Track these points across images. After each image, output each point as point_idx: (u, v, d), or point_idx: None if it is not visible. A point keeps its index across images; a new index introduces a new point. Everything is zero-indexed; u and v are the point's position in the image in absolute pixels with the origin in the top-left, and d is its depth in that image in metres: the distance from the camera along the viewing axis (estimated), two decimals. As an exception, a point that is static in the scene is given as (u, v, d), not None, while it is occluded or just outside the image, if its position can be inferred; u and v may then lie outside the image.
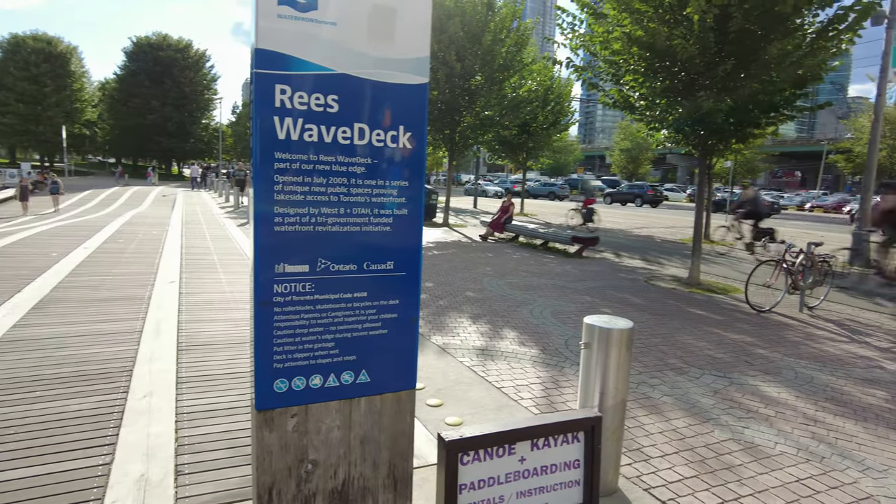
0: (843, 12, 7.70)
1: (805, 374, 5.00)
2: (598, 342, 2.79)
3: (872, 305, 8.40)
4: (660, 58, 8.17)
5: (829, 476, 3.23)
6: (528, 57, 18.53)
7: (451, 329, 5.84)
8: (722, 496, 2.97)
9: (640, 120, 9.89)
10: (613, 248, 13.78)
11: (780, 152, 66.49)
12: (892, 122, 37.32)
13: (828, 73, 8.73)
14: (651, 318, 6.69)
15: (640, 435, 3.63)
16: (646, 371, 4.84)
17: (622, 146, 49.21)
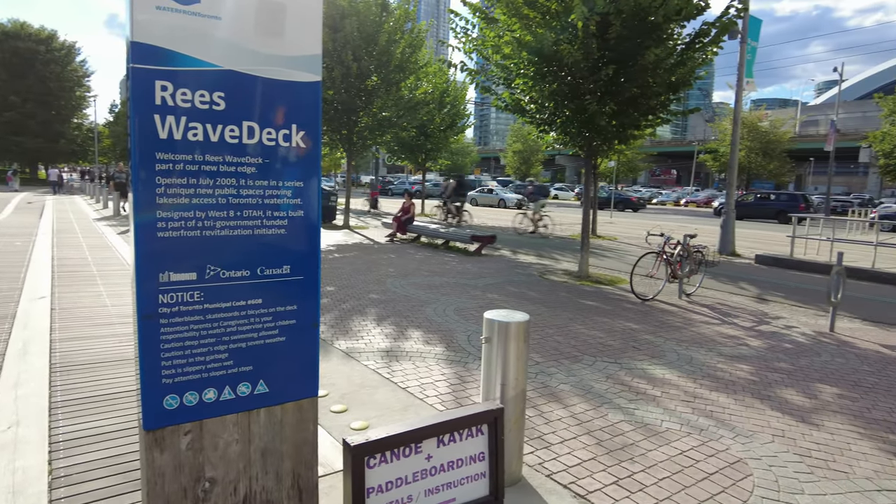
0: (707, 27, 8.51)
1: (685, 355, 5.45)
2: (498, 336, 2.87)
3: (739, 290, 9.34)
4: (547, 62, 8.56)
5: (707, 445, 3.55)
6: (423, 59, 18.72)
7: (354, 333, 5.76)
8: (617, 475, 3.16)
9: (531, 122, 10.30)
10: (510, 245, 14.25)
11: (658, 152, 72.15)
12: (750, 125, 41.71)
13: (696, 80, 9.59)
14: (546, 311, 7.00)
15: (540, 423, 3.79)
16: (543, 361, 5.05)
17: (515, 148, 51.06)
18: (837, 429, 3.91)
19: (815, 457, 3.48)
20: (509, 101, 10.13)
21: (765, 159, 42.57)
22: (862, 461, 3.46)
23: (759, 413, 4.10)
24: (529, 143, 49.87)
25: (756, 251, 13.77)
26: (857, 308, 7.99)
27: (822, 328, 6.80)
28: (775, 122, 44.57)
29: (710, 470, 3.25)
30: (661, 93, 8.64)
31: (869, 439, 3.77)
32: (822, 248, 13.64)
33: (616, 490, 3.00)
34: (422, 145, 24.58)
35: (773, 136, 43.04)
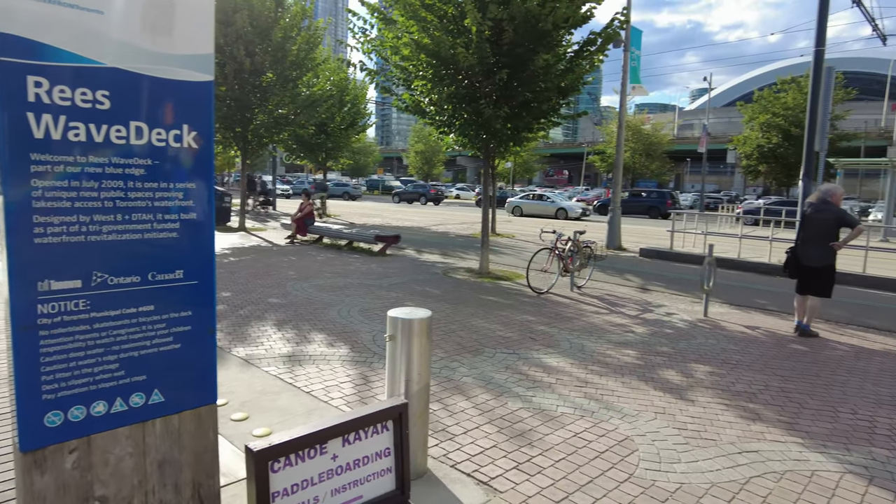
0: (594, 37, 9.09)
1: (577, 343, 5.82)
2: (402, 333, 2.94)
3: (625, 281, 10.06)
4: (445, 65, 8.74)
5: (598, 426, 3.84)
6: (321, 56, 18.38)
7: (254, 339, 5.59)
8: (517, 460, 3.34)
9: (431, 124, 10.47)
10: (415, 245, 14.38)
11: (551, 154, 75.64)
12: (634, 128, 44.84)
13: (584, 85, 10.21)
14: (449, 307, 7.17)
15: (445, 416, 3.90)
16: (447, 356, 5.19)
17: (417, 148, 51.50)
18: (708, 402, 4.36)
19: (690, 429, 3.87)
20: (409, 102, 10.23)
21: (647, 160, 45.96)
22: (727, 429, 3.89)
23: (644, 394, 4.48)
24: (431, 143, 50.49)
25: (640, 245, 14.88)
26: (726, 294, 8.88)
27: (698, 314, 7.50)
28: (656, 126, 48.27)
29: (601, 449, 3.52)
30: (552, 97, 9.11)
31: (733, 409, 4.24)
32: (696, 240, 14.99)
33: (516, 474, 3.17)
34: (322, 144, 24.09)
35: (654, 138, 46.57)
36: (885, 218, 19.55)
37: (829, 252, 6.46)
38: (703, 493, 3.05)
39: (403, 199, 41.05)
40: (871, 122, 51.80)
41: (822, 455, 3.57)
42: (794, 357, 5.72)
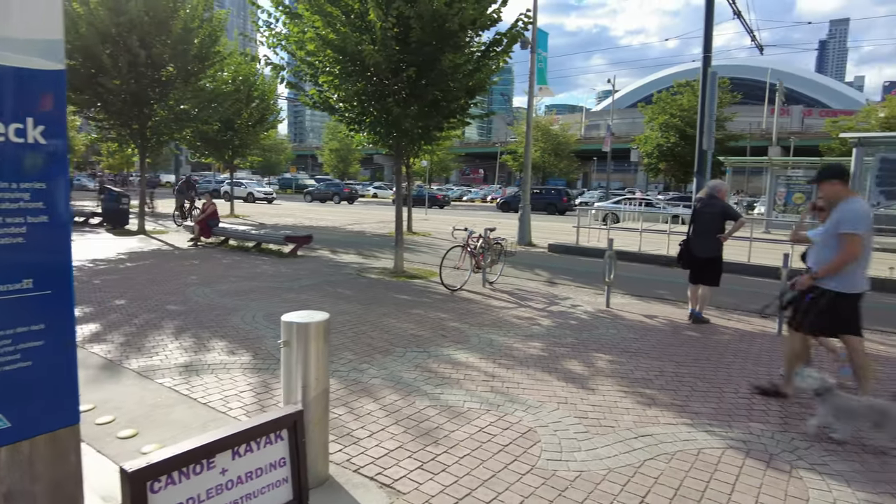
0: (500, 37, 9.24)
1: (486, 338, 5.89)
2: (297, 338, 2.83)
3: (534, 276, 10.35)
4: (352, 61, 8.59)
5: (503, 420, 3.89)
6: (226, 49, 17.56)
7: (149, 349, 5.23)
8: (422, 459, 3.32)
9: (341, 121, 10.27)
10: (328, 245, 14.07)
11: (466, 153, 76.68)
12: (543, 128, 46.33)
13: (492, 85, 10.38)
14: (361, 308, 7.05)
15: (350, 420, 3.81)
16: (356, 358, 5.09)
17: (331, 146, 50.51)
18: (608, 390, 4.55)
19: (590, 417, 4.01)
20: (317, 98, 9.97)
21: (556, 159, 47.65)
22: (625, 415, 4.07)
23: (548, 385, 4.60)
24: (345, 141, 49.70)
25: (549, 241, 15.38)
26: (628, 285, 9.34)
27: (601, 305, 7.83)
28: (564, 126, 50.13)
29: (504, 442, 3.57)
30: (460, 97, 9.18)
31: (631, 395, 4.45)
32: (601, 235, 15.68)
33: (420, 474, 3.15)
34: (228, 141, 23.05)
35: (562, 138, 48.36)
36: (766, 211, 21.37)
37: (716, 244, 6.94)
38: (600, 480, 3.16)
39: (316, 198, 40.08)
40: (755, 124, 56.54)
41: (708, 434, 3.81)
42: (688, 343, 6.09)
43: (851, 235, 4.07)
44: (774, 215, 20.33)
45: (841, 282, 4.19)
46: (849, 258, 4.10)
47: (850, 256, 4.09)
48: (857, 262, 4.14)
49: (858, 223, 4.08)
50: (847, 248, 4.09)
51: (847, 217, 4.14)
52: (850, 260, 4.10)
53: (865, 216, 4.15)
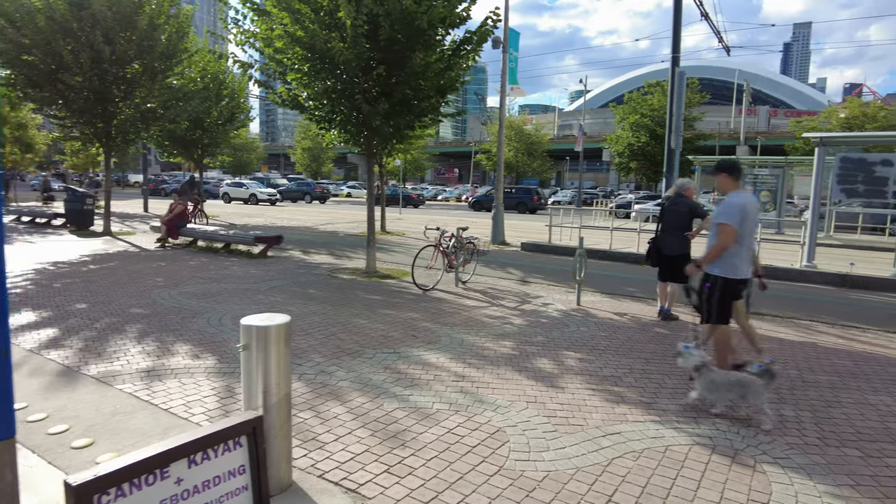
0: (470, 35, 9.21)
1: (458, 338, 5.87)
2: (257, 341, 2.75)
3: (507, 274, 10.36)
4: (321, 59, 8.48)
5: (472, 420, 3.87)
6: (193, 46, 17.21)
7: (109, 354, 5.07)
8: (388, 463, 3.27)
9: (311, 119, 10.13)
10: (300, 245, 13.90)
11: (440, 152, 76.67)
12: (516, 128, 46.56)
13: (464, 84, 10.35)
14: (331, 309, 6.96)
15: (316, 424, 3.74)
16: (324, 360, 5.01)
17: (304, 145, 49.93)
18: (577, 389, 4.56)
19: (559, 416, 4.01)
20: (286, 96, 9.82)
21: (530, 158, 47.95)
22: (594, 413, 4.08)
23: (517, 384, 4.59)
24: (318, 140, 49.22)
25: (521, 239, 15.45)
26: (599, 283, 9.42)
27: (571, 303, 7.87)
28: (537, 126, 50.44)
29: (473, 443, 3.54)
30: (432, 95, 9.14)
31: (600, 393, 4.46)
32: (573, 234, 15.81)
33: (386, 478, 3.10)
34: (197, 140, 22.62)
35: (535, 138, 48.67)
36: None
37: (684, 241, 7.03)
38: (568, 479, 3.15)
39: (287, 197, 39.57)
40: (724, 123, 57.74)
41: (675, 431, 3.84)
42: (656, 340, 6.16)
43: (724, 226, 4.47)
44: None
45: (724, 268, 4.58)
46: (722, 246, 4.51)
47: (723, 245, 4.50)
48: (736, 251, 4.53)
49: (732, 215, 4.47)
50: (720, 237, 4.50)
51: (723, 209, 4.58)
52: (723, 248, 4.51)
53: (741, 209, 4.49)
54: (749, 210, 4.54)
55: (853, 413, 4.26)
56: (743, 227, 4.50)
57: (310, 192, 39.45)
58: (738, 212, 4.48)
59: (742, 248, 4.56)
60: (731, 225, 4.46)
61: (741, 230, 4.49)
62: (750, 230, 4.62)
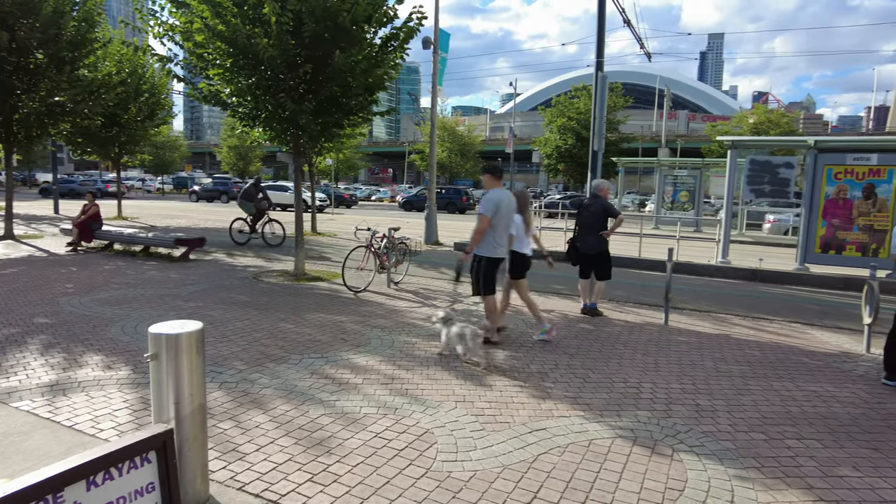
0: (396, 32, 9.15)
1: (388, 339, 5.80)
2: (167, 350, 2.60)
3: (440, 275, 10.38)
4: (244, 55, 8.18)
5: (400, 423, 3.82)
6: (106, 36, 16.21)
7: (5, 369, 4.66)
8: (312, 471, 3.17)
9: (234, 116, 9.76)
10: (225, 247, 13.38)
11: (374, 152, 76.08)
12: (449, 129, 46.87)
13: (392, 81, 10.27)
14: (256, 314, 6.72)
15: (236, 434, 3.58)
16: (247, 367, 4.82)
17: (230, 143, 48.07)
18: (505, 386, 4.60)
19: (487, 414, 4.03)
20: (207, 92, 9.41)
21: (463, 159, 48.40)
22: (521, 410, 4.14)
23: (446, 384, 4.59)
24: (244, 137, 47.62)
25: (455, 239, 15.54)
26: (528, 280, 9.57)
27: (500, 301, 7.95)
28: (470, 127, 50.99)
29: (400, 446, 3.49)
30: (360, 93, 9.01)
31: (527, 390, 4.53)
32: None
33: (310, 487, 3.00)
34: (114, 137, 21.32)
35: (468, 139, 49.17)
36: (655, 208, 22.85)
37: (601, 240, 7.29)
38: (495, 478, 3.16)
39: (202, 197, 38.01)
40: (646, 127, 60.51)
41: (598, 424, 3.95)
42: (581, 335, 6.33)
43: (481, 215, 5.60)
44: (663, 212, 21.79)
45: (486, 249, 5.73)
46: (478, 231, 5.63)
47: (479, 230, 5.62)
48: (492, 235, 5.64)
49: (488, 208, 5.57)
50: (478, 224, 5.63)
51: (483, 202, 5.68)
52: (480, 233, 5.62)
53: (496, 203, 5.58)
54: (503, 204, 5.64)
55: (760, 399, 4.54)
56: (497, 217, 5.60)
57: (226, 192, 37.84)
58: (494, 205, 5.57)
59: (498, 233, 5.67)
60: (486, 215, 5.57)
61: (495, 219, 5.59)
62: (505, 219, 5.71)
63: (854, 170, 10.46)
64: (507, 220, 5.75)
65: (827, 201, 10.68)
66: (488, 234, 5.64)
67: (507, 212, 5.71)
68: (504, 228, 5.73)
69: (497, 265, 5.82)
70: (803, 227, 11.01)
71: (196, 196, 38.37)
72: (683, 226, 17.39)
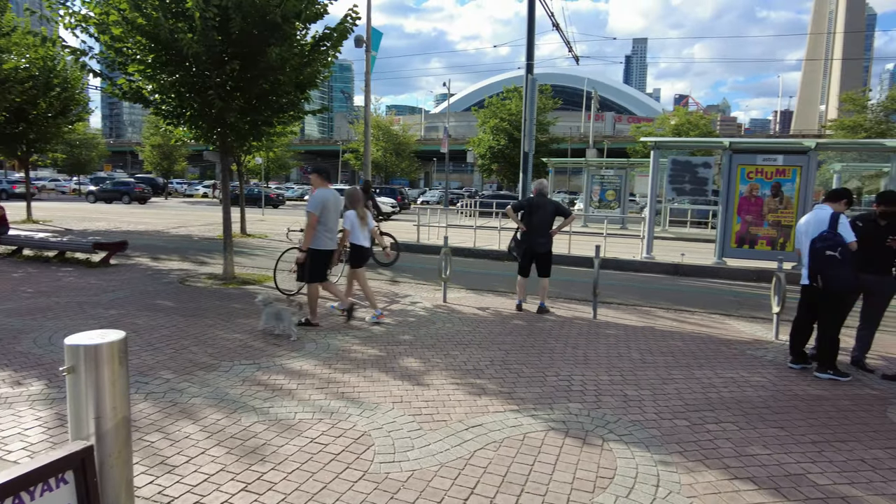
0: (330, 31, 9.00)
1: (324, 343, 5.72)
2: (86, 363, 2.46)
3: (377, 275, 10.32)
4: (166, 50, 7.82)
5: (336, 427, 3.78)
6: (9, 24, 15.06)
7: None
8: (246, 480, 3.09)
9: (157, 114, 9.32)
10: (149, 251, 12.73)
11: (307, 150, 74.53)
12: (384, 128, 46.59)
13: (325, 80, 10.11)
14: (183, 320, 6.45)
15: (164, 447, 3.44)
16: (175, 377, 4.63)
17: (153, 142, 45.65)
18: (442, 384, 4.65)
19: (424, 413, 4.06)
20: (127, 89, 8.93)
21: (398, 159, 48.23)
22: (457, 407, 4.19)
23: (384, 385, 4.58)
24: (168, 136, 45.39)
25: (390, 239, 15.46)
26: (464, 279, 9.71)
27: (438, 300, 8.02)
28: (404, 127, 50.88)
29: (337, 450, 3.46)
30: (290, 91, 8.81)
31: (463, 387, 4.59)
32: (440, 233, 16.15)
33: (244, 497, 2.92)
34: (21, 135, 19.78)
35: (403, 138, 49.05)
36: (584, 207, 23.65)
37: (549, 238, 7.48)
38: (432, 476, 3.19)
39: (100, 198, 35.24)
40: (575, 128, 62.39)
41: (532, 418, 4.06)
42: (516, 332, 6.48)
43: (309, 213, 6.16)
44: (591, 210, 22.57)
45: (315, 243, 6.26)
46: (309, 227, 6.17)
47: (310, 226, 6.17)
48: (321, 230, 6.23)
49: (315, 206, 6.15)
50: (308, 221, 6.18)
51: (311, 201, 6.25)
52: (310, 229, 6.16)
53: (322, 201, 6.21)
54: (329, 202, 6.26)
55: (683, 387, 4.80)
56: (324, 214, 6.21)
57: (128, 192, 35.31)
58: (320, 203, 6.17)
59: (326, 229, 6.26)
60: (314, 213, 6.15)
61: (322, 216, 6.20)
62: (332, 216, 6.32)
63: (764, 169, 11.23)
64: (334, 216, 6.37)
65: (741, 199, 11.42)
66: (317, 229, 6.24)
67: (334, 209, 6.35)
68: (331, 223, 6.34)
69: (324, 256, 6.39)
70: (720, 223, 11.72)
71: (94, 197, 35.26)
72: (610, 223, 18.11)
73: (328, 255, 6.46)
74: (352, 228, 6.69)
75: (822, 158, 22.77)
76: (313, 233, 6.22)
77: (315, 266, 6.33)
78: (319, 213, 6.18)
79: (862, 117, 32.31)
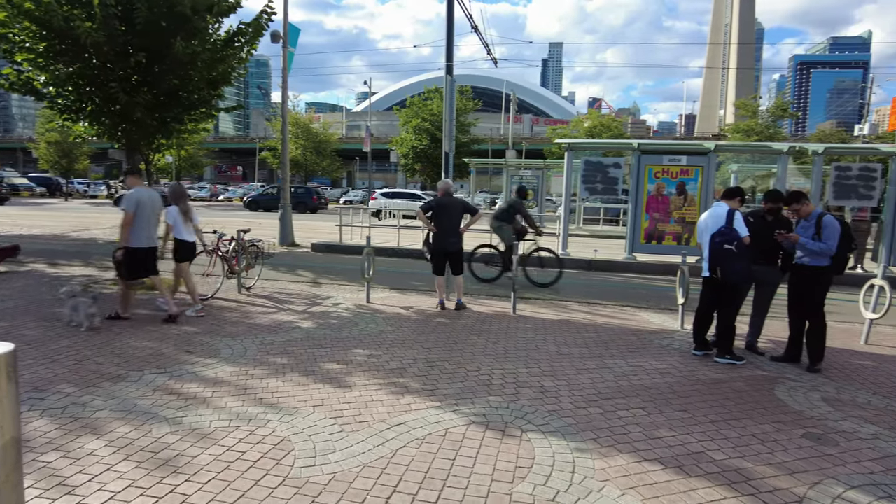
0: (244, 27, 8.71)
1: (240, 348, 5.53)
2: (-31, 378, 2.25)
3: (297, 277, 10.09)
4: (61, 39, 7.28)
5: (254, 434, 3.68)
6: None
7: None
8: (157, 495, 2.94)
9: (52, 108, 8.65)
10: (47, 256, 11.75)
11: (221, 148, 71.52)
12: (303, 126, 45.52)
13: (240, 77, 9.76)
14: (86, 331, 6.03)
15: (64, 466, 3.21)
16: (77, 390, 4.32)
17: (49, 138, 42.11)
18: (365, 385, 4.63)
19: (346, 415, 4.02)
20: (15, 79, 8.23)
21: (319, 157, 47.29)
22: (380, 407, 4.19)
23: (304, 389, 4.50)
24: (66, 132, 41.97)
25: (312, 240, 15.17)
26: (387, 279, 9.68)
27: (361, 301, 7.96)
28: (325, 125, 49.94)
29: (255, 457, 3.37)
30: (202, 87, 8.45)
31: (386, 387, 4.59)
32: (363, 233, 16.00)
33: (155, 511, 2.79)
34: None
35: (323, 136, 48.14)
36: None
37: (460, 237, 7.59)
38: (354, 477, 3.18)
39: None
40: (495, 129, 63.66)
41: (454, 413, 4.13)
42: (438, 329, 6.55)
43: (124, 211, 6.31)
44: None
45: (130, 241, 6.34)
46: (121, 226, 6.31)
47: (124, 224, 6.29)
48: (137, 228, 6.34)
49: (130, 204, 6.30)
50: (123, 219, 6.31)
51: (125, 199, 6.37)
52: (124, 226, 6.29)
53: (136, 200, 6.32)
54: (143, 200, 6.39)
55: (596, 377, 5.04)
56: (139, 212, 6.32)
57: None
58: (135, 201, 6.30)
59: (141, 227, 6.37)
60: (129, 211, 6.27)
61: (137, 214, 6.32)
62: (147, 214, 6.43)
63: (669, 169, 11.97)
64: (149, 214, 6.48)
65: (649, 197, 12.10)
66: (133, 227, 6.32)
67: (150, 207, 6.47)
68: (146, 221, 6.46)
69: (141, 254, 6.45)
70: (630, 220, 12.37)
71: None
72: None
73: (146, 253, 6.52)
74: (174, 223, 6.84)
75: (721, 159, 24.55)
76: (128, 231, 6.29)
77: (129, 264, 6.36)
78: (134, 212, 6.29)
79: (754, 122, 35.14)
